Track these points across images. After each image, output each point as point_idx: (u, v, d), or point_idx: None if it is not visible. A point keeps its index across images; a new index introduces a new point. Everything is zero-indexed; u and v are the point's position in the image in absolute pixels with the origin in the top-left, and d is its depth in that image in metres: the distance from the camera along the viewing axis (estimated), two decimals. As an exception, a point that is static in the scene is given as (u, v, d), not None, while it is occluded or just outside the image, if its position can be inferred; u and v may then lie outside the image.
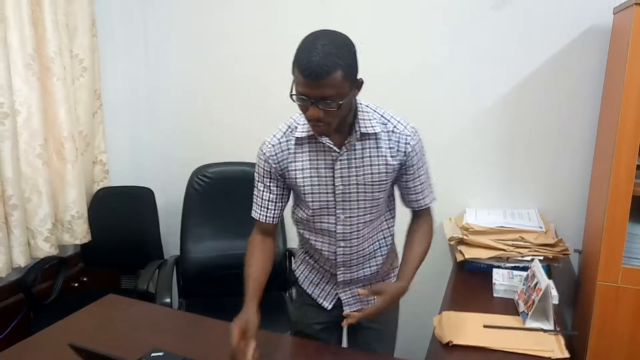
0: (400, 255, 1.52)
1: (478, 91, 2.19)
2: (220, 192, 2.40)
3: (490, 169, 2.24)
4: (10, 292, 2.24)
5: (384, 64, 2.21)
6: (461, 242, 2.06)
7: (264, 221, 1.46)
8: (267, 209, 1.45)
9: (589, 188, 2.08)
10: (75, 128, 2.34)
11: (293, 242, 2.39)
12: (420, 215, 1.50)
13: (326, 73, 1.13)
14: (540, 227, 2.01)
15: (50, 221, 2.26)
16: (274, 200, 1.44)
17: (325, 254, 1.47)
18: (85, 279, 2.59)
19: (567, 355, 1.45)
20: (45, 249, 2.25)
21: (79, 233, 2.40)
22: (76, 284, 2.54)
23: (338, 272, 1.49)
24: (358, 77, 1.24)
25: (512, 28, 2.08)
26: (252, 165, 2.36)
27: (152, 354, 1.37)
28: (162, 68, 2.71)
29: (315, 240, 1.47)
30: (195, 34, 2.61)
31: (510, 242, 1.97)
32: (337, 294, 1.53)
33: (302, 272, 1.60)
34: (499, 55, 2.13)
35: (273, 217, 1.46)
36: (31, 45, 2.12)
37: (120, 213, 2.56)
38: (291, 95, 1.21)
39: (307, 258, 1.56)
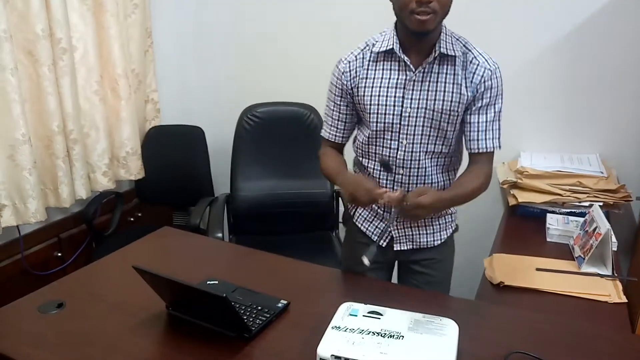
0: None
1: (536, 27, 2.05)
2: (270, 132, 2.41)
3: (548, 110, 2.13)
4: (74, 223, 2.38)
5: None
6: (514, 186, 2.00)
7: (333, 140, 1.50)
8: (337, 128, 1.49)
9: (658, 132, 1.96)
10: (128, 66, 2.38)
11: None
12: (477, 161, 1.40)
13: None
14: (601, 172, 1.92)
15: (107, 156, 2.35)
16: (344, 120, 1.47)
17: (382, 183, 1.45)
18: (140, 215, 2.71)
19: (624, 300, 1.41)
20: (104, 182, 2.36)
21: (134, 169, 2.49)
22: (132, 219, 2.67)
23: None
24: None
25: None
26: (301, 105, 2.42)
27: (208, 282, 1.43)
28: (211, 7, 2.68)
29: (374, 168, 1.45)
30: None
31: (567, 187, 1.90)
32: (390, 231, 1.52)
33: (356, 209, 1.59)
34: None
35: (342, 137, 1.50)
36: (84, -21, 2.13)
37: (172, 151, 2.63)
38: None
39: None
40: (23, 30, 1.95)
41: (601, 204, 1.82)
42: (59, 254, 2.30)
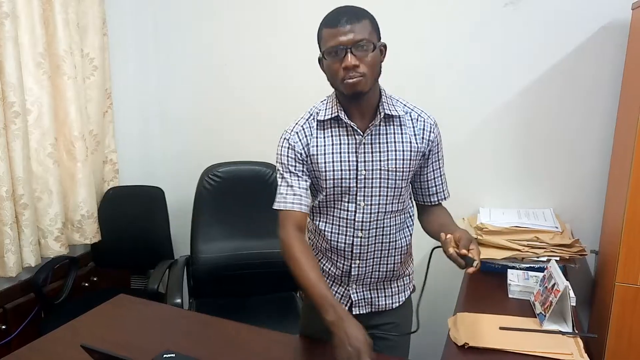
0: (413, 261, 1.56)
1: (493, 89, 2.15)
2: (231, 192, 2.39)
3: (505, 168, 2.21)
4: (22, 292, 2.24)
5: (398, 64, 2.17)
6: (475, 242, 2.03)
7: (297, 210, 1.34)
8: (301, 196, 1.36)
9: (607, 188, 2.04)
10: (85, 127, 2.34)
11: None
12: (440, 207, 1.50)
13: (357, 18, 1.25)
14: (556, 227, 1.97)
15: (60, 220, 2.26)
16: (305, 187, 1.37)
17: (340, 246, 1.43)
18: (95, 279, 2.59)
19: (586, 358, 1.41)
20: (56, 248, 2.25)
21: (89, 233, 2.40)
22: (86, 284, 2.54)
23: (353, 265, 1.44)
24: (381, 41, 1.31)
25: (528, 25, 2.05)
26: (263, 164, 2.42)
27: (164, 356, 1.35)
28: (173, 68, 2.71)
29: (332, 232, 1.43)
30: (206, 34, 2.59)
31: (525, 242, 1.94)
32: (349, 295, 1.49)
33: None
34: (515, 53, 2.09)
35: (307, 206, 1.37)
36: (42, 44, 2.12)
37: (131, 213, 2.56)
38: (321, 59, 1.29)
39: (319, 259, 1.52)
40: (-26, 95, 1.91)
41: (558, 258, 1.86)
42: (4, 327, 2.14)
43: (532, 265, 1.92)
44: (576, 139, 2.08)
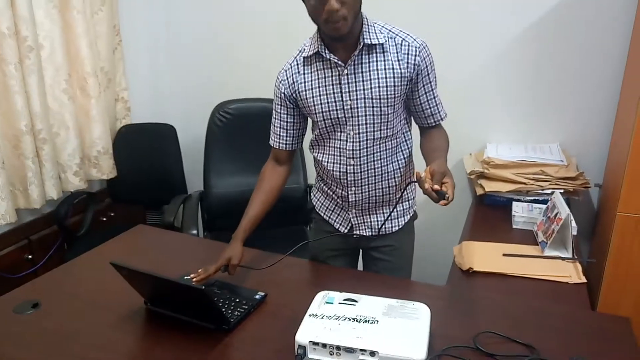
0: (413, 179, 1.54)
1: (500, 23, 2.12)
2: (242, 128, 2.42)
3: (512, 103, 2.22)
4: (45, 224, 2.35)
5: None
6: (481, 176, 2.08)
7: (276, 147, 1.54)
8: (279, 135, 1.53)
9: (614, 123, 2.06)
10: (97, 64, 2.35)
11: (313, 178, 2.42)
12: (437, 130, 1.50)
13: None
14: (562, 161, 2.01)
15: (78, 156, 2.33)
16: (285, 127, 1.51)
17: (336, 175, 1.49)
18: (112, 214, 2.69)
19: (584, 280, 1.49)
20: (75, 182, 2.33)
21: (106, 168, 2.47)
22: (104, 219, 2.64)
23: (350, 192, 1.51)
24: None
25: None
26: (272, 102, 2.42)
27: (185, 277, 1.43)
28: (182, 4, 2.67)
29: (327, 162, 1.50)
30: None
31: (530, 176, 1.99)
32: (349, 219, 1.56)
33: (318, 199, 1.64)
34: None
35: (285, 144, 1.53)
36: (49, -24, 2.10)
37: (144, 150, 2.61)
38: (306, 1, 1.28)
39: (322, 185, 1.60)
40: (-13, 29, 1.92)
41: (562, 191, 1.91)
42: (30, 256, 2.26)
43: (536, 198, 1.97)
44: (584, 74, 2.07)
